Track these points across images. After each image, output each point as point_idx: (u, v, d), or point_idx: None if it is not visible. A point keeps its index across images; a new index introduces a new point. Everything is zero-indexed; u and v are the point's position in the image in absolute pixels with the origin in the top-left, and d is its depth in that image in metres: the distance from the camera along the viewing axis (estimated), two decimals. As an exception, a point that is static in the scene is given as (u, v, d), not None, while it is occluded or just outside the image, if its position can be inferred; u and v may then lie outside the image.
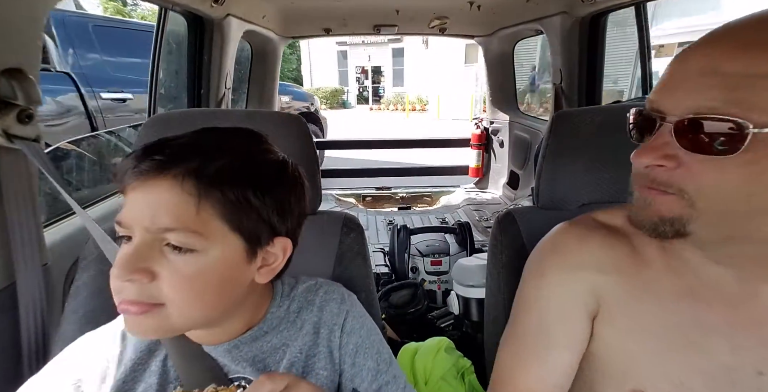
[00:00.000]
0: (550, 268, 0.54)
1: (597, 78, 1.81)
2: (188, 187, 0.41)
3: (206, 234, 0.42)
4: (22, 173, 0.72)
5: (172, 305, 0.41)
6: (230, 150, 0.45)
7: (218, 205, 0.42)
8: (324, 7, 2.11)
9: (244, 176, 0.44)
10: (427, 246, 1.81)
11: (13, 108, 0.68)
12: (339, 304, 0.58)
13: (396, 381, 0.57)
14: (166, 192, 0.41)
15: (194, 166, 0.41)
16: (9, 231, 0.70)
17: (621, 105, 1.39)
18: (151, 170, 0.41)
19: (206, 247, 0.42)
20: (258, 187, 0.44)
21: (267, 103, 2.66)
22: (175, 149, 0.42)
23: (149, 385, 0.48)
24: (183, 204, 0.41)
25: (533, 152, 2.40)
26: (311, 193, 0.74)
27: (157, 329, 0.43)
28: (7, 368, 0.71)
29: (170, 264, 0.41)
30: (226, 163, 0.43)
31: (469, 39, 2.77)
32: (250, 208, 0.44)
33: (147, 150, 0.42)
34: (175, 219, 0.40)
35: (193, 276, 0.41)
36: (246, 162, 0.45)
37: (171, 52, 1.74)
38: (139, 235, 0.41)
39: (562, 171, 0.72)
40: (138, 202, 0.41)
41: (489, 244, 0.79)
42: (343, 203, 3.06)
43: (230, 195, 0.42)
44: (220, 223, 0.42)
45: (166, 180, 0.41)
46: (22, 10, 0.69)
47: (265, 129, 0.59)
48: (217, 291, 0.44)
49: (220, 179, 0.42)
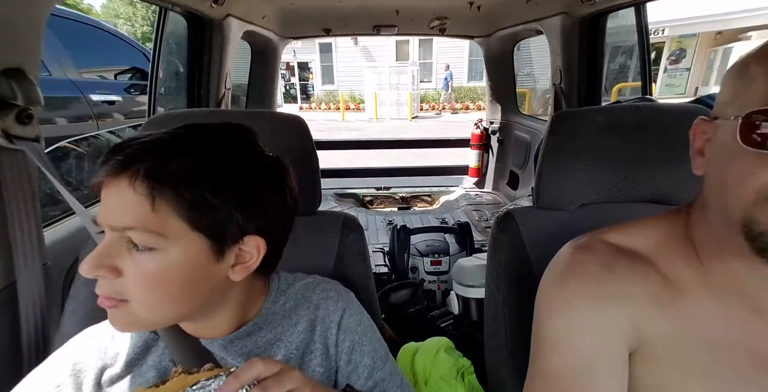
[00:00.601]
0: (578, 299, 0.46)
1: (597, 78, 1.81)
2: (140, 187, 0.41)
3: (165, 233, 0.42)
4: (22, 173, 0.72)
5: (135, 301, 0.42)
6: (196, 147, 0.44)
7: (174, 204, 0.41)
8: (324, 8, 2.11)
9: (204, 174, 0.43)
10: (426, 246, 1.81)
11: (12, 108, 0.68)
12: (336, 302, 0.58)
13: (392, 377, 0.57)
14: (123, 191, 0.41)
15: (148, 165, 0.41)
16: (9, 231, 0.70)
17: (620, 105, 1.38)
18: (112, 169, 0.41)
19: (166, 246, 0.42)
20: (218, 185, 0.43)
21: (267, 103, 2.66)
22: (135, 148, 0.42)
23: (147, 379, 0.49)
24: (138, 204, 0.41)
25: (533, 152, 2.41)
26: (311, 193, 0.74)
27: (127, 323, 0.45)
28: (7, 367, 0.71)
29: (134, 261, 0.42)
30: (184, 162, 0.42)
31: (469, 39, 2.77)
32: (209, 207, 0.43)
33: (113, 149, 0.43)
34: (132, 219, 0.41)
35: (154, 274, 0.42)
36: (209, 159, 0.44)
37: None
38: (108, 233, 0.42)
39: (562, 171, 0.72)
40: (105, 201, 0.42)
41: (488, 244, 0.79)
42: (342, 203, 3.06)
43: (185, 194, 0.42)
44: (178, 222, 0.42)
45: (123, 179, 0.41)
46: (22, 10, 0.69)
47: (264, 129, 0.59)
48: (181, 288, 0.44)
49: (174, 178, 0.41)
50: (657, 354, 0.45)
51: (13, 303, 0.71)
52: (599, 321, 0.45)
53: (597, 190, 0.72)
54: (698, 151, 0.44)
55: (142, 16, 12.35)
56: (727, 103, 0.40)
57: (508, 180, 2.92)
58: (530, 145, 2.51)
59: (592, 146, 0.70)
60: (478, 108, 13.56)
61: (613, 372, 0.44)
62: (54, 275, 0.80)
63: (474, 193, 3.09)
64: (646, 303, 0.45)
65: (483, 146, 3.14)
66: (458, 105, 13.98)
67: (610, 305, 0.45)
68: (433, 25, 2.37)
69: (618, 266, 0.47)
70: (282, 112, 0.80)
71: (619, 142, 0.69)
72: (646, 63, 1.69)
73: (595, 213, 0.72)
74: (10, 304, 0.71)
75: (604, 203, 0.73)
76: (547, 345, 0.48)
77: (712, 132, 0.42)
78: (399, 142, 4.16)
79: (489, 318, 0.77)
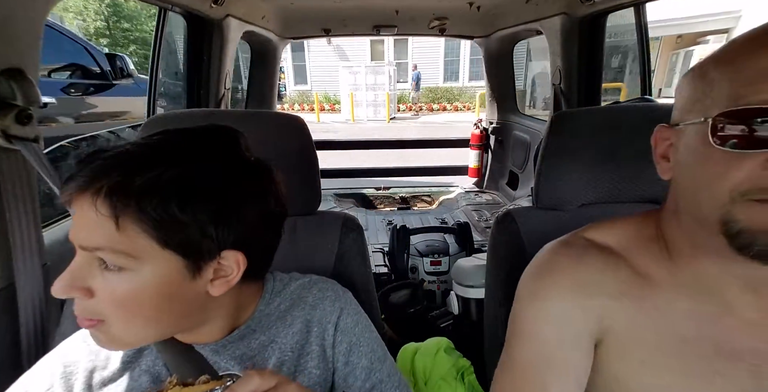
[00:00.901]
0: (548, 291, 0.49)
1: (596, 79, 1.81)
2: (102, 206, 0.38)
3: (134, 253, 0.40)
4: (21, 173, 0.72)
5: (110, 321, 0.41)
6: (166, 159, 0.41)
7: (140, 223, 0.39)
8: (323, 8, 2.11)
9: (170, 189, 0.40)
10: (426, 247, 1.81)
11: (12, 108, 0.68)
12: (333, 302, 0.57)
13: (390, 378, 0.56)
14: (87, 211, 0.39)
15: (113, 182, 0.39)
16: (8, 232, 0.70)
17: (620, 106, 1.39)
18: (76, 186, 0.39)
19: (137, 266, 0.40)
20: (187, 200, 0.40)
21: (266, 104, 2.67)
22: (99, 163, 0.39)
23: (140, 384, 0.49)
24: (102, 224, 0.39)
25: (532, 152, 2.41)
26: (311, 193, 0.74)
27: (107, 342, 0.43)
28: (7, 367, 0.71)
29: (105, 281, 0.40)
30: (150, 176, 0.39)
31: (469, 40, 2.77)
32: (177, 224, 0.40)
33: (81, 162, 0.40)
34: (99, 239, 0.39)
35: (126, 294, 0.40)
36: (178, 172, 0.40)
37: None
38: (78, 252, 0.41)
39: (562, 171, 0.72)
40: (74, 218, 0.40)
41: (488, 244, 0.79)
42: (342, 203, 3.06)
43: (151, 211, 0.39)
44: (147, 241, 0.40)
45: (86, 198, 0.39)
46: (22, 10, 0.69)
47: (264, 129, 0.59)
48: (156, 309, 0.42)
49: (139, 195, 0.39)
50: (624, 346, 0.46)
51: (12, 304, 0.71)
52: (564, 311, 0.48)
53: (596, 190, 0.72)
54: (662, 157, 0.45)
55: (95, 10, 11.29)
56: (689, 109, 0.41)
57: (508, 180, 2.93)
58: (530, 145, 2.51)
59: (592, 146, 0.70)
60: (456, 108, 13.52)
61: (572, 360, 0.47)
62: (53, 275, 0.80)
63: (474, 193, 3.09)
64: (614, 295, 0.47)
65: (483, 146, 3.14)
66: (435, 105, 13.75)
67: (577, 295, 0.48)
68: (433, 26, 2.37)
69: (588, 258, 0.49)
70: (282, 112, 0.80)
71: (619, 142, 0.69)
72: (645, 63, 1.70)
73: (595, 214, 0.72)
74: (9, 305, 0.71)
75: (604, 203, 0.73)
76: (516, 335, 0.51)
77: (675, 137, 0.43)
78: (399, 142, 4.16)
79: (489, 319, 0.77)
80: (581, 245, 0.51)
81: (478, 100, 11.55)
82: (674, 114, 0.44)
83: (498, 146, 3.04)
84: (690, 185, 0.41)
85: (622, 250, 0.49)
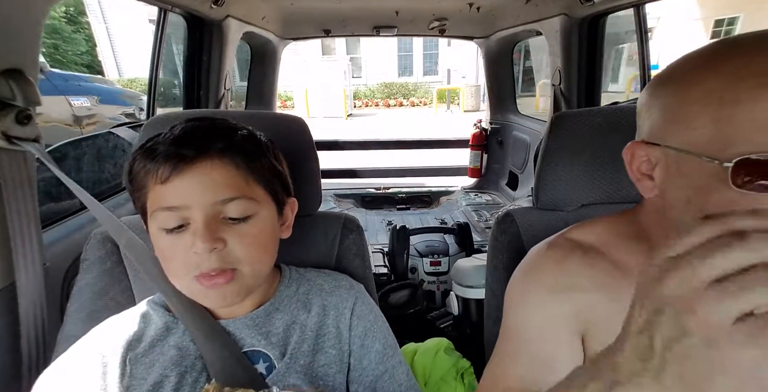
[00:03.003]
0: (529, 292, 0.53)
1: (596, 79, 1.81)
2: (236, 161, 0.48)
3: (258, 198, 0.50)
4: (21, 174, 0.72)
5: (245, 266, 0.49)
6: (230, 126, 0.52)
7: (259, 173, 0.50)
8: (324, 9, 2.11)
9: (265, 148, 0.53)
10: (426, 247, 1.81)
11: (11, 109, 0.68)
12: (348, 290, 0.62)
13: (401, 366, 0.60)
14: (219, 168, 0.47)
15: (230, 143, 0.48)
16: (8, 232, 0.70)
17: (620, 106, 1.39)
18: (196, 154, 0.46)
19: (259, 210, 0.50)
20: (275, 156, 0.54)
21: (267, 104, 2.67)
22: (201, 133, 0.49)
23: (169, 357, 0.52)
24: (236, 177, 0.48)
25: (532, 153, 2.41)
26: (311, 194, 0.74)
27: (238, 292, 0.50)
28: (7, 368, 0.71)
29: (234, 231, 0.48)
30: (248, 139, 0.51)
31: (469, 40, 2.77)
32: (277, 173, 0.53)
33: (176, 140, 0.47)
34: (234, 190, 0.48)
35: (254, 238, 0.49)
36: (250, 134, 0.53)
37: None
38: (201, 212, 0.47)
39: (562, 172, 0.72)
40: (189, 185, 0.46)
41: (488, 245, 0.79)
42: (342, 203, 3.05)
43: (265, 163, 0.51)
44: (261, 189, 0.51)
45: (214, 159, 0.47)
46: (22, 11, 0.69)
47: (265, 129, 0.59)
48: (270, 246, 0.53)
49: (254, 152, 0.50)
50: (605, 336, 0.48)
51: (12, 304, 0.71)
52: (542, 310, 0.52)
53: (596, 190, 0.72)
54: (644, 175, 0.45)
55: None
56: (668, 130, 0.40)
57: (508, 180, 2.92)
58: (529, 146, 2.51)
59: (592, 147, 0.71)
60: (412, 104, 13.40)
61: (561, 356, 0.50)
62: (53, 276, 0.80)
63: (473, 194, 3.09)
64: (593, 289, 0.50)
65: (482, 146, 3.14)
66: (392, 101, 13.55)
67: (558, 295, 0.51)
68: (433, 26, 2.37)
69: (569, 258, 0.52)
70: (282, 113, 0.80)
71: (619, 142, 0.69)
72: (645, 64, 1.70)
73: (595, 214, 0.72)
74: (9, 305, 0.71)
75: (604, 203, 0.73)
76: (506, 333, 0.56)
77: (656, 156, 0.42)
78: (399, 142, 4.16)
79: (488, 319, 0.77)
80: (566, 246, 0.54)
81: (435, 95, 11.87)
82: (646, 129, 0.44)
83: (498, 146, 3.04)
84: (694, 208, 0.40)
85: (602, 246, 0.52)
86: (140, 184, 0.49)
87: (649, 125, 0.44)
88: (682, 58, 0.42)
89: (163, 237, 0.48)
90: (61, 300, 0.83)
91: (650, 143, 0.43)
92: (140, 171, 0.48)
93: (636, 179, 0.46)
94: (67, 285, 0.86)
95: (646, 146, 0.44)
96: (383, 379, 0.57)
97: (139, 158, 0.48)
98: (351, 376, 0.56)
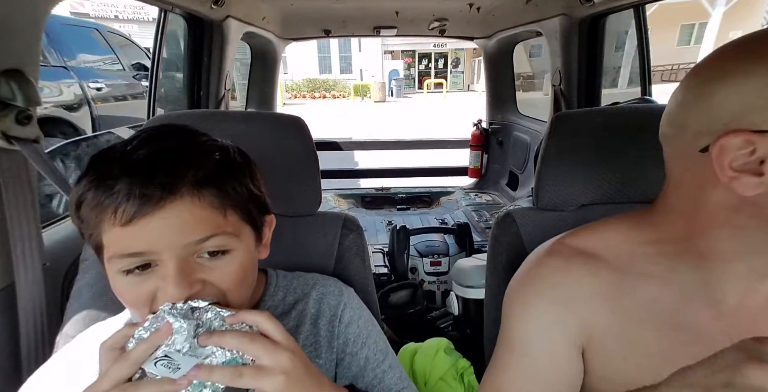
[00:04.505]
0: (528, 303, 0.51)
1: (596, 80, 1.81)
2: (210, 194, 0.41)
3: (236, 231, 0.44)
4: (21, 173, 0.72)
5: (228, 295, 0.44)
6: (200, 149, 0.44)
7: (236, 202, 0.44)
8: (324, 9, 2.11)
9: (237, 169, 0.46)
10: (426, 247, 1.81)
11: (11, 109, 0.68)
12: (336, 296, 0.59)
13: (393, 370, 0.58)
14: (191, 206, 0.40)
15: (204, 173, 0.41)
16: (8, 232, 0.70)
17: (620, 106, 1.39)
18: (164, 193, 0.39)
19: (237, 243, 0.44)
20: (252, 176, 0.47)
21: (267, 104, 2.67)
22: (168, 163, 0.40)
23: None
24: (211, 213, 0.41)
25: (532, 153, 2.41)
26: (311, 194, 0.74)
27: None
28: (7, 368, 0.71)
29: (212, 268, 0.43)
30: (223, 164, 0.44)
31: (469, 41, 2.77)
32: (254, 197, 0.47)
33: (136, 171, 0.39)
34: (210, 228, 0.41)
35: (236, 269, 0.44)
36: (224, 156, 0.45)
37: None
38: (173, 256, 0.40)
39: (562, 172, 0.72)
40: (156, 228, 0.39)
41: (488, 245, 0.79)
42: (342, 203, 3.05)
43: (242, 190, 0.45)
44: (238, 219, 0.45)
45: (185, 197, 0.40)
46: (22, 11, 0.69)
47: (265, 130, 0.59)
48: (251, 270, 0.48)
49: (230, 179, 0.44)
50: (608, 349, 0.48)
51: (12, 304, 0.71)
52: (545, 321, 0.49)
53: (597, 191, 0.72)
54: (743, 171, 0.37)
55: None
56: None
57: (508, 180, 2.92)
58: (529, 146, 2.51)
59: (592, 147, 0.71)
60: (333, 96, 16.99)
61: (555, 366, 0.49)
62: (53, 276, 0.80)
63: (474, 194, 3.09)
64: (594, 302, 0.48)
65: (482, 147, 3.14)
66: (317, 94, 17.16)
67: (559, 308, 0.49)
68: (433, 27, 2.37)
69: (572, 267, 0.50)
70: (282, 113, 0.80)
71: (619, 143, 0.69)
72: (645, 64, 1.70)
73: (595, 214, 0.72)
74: (9, 305, 0.71)
75: (604, 204, 0.73)
76: (504, 343, 0.54)
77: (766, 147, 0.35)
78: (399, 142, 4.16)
79: (489, 319, 0.77)
80: (566, 253, 0.52)
81: (352, 89, 15.70)
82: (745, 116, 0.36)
83: (498, 147, 3.04)
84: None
85: (605, 253, 0.50)
86: (93, 221, 0.40)
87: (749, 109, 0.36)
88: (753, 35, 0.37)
89: (122, 279, 0.41)
90: (61, 300, 0.83)
91: (759, 131, 0.35)
92: (94, 207, 0.39)
93: (730, 179, 0.38)
94: (67, 285, 0.86)
95: (749, 135, 0.36)
96: (372, 385, 0.56)
97: (91, 190, 0.39)
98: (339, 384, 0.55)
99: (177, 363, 0.35)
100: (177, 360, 0.35)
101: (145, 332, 0.37)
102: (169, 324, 0.37)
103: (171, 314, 0.37)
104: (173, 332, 0.36)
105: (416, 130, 8.54)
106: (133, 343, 0.37)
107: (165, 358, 0.36)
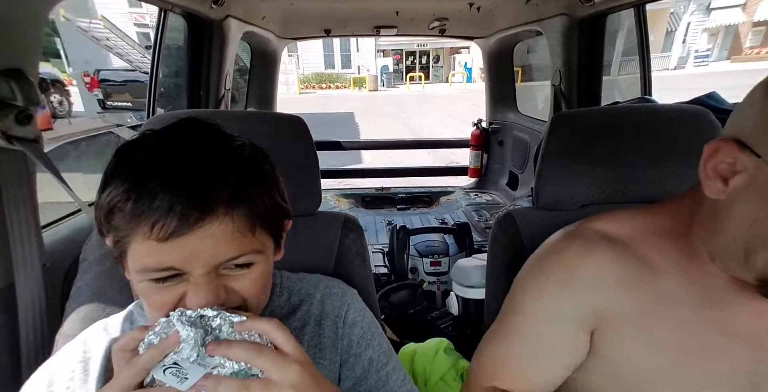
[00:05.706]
0: (549, 282, 0.52)
1: (596, 79, 1.81)
2: (241, 216, 0.41)
3: (261, 248, 0.45)
4: (21, 173, 0.72)
5: (250, 301, 0.46)
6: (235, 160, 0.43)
7: (265, 218, 0.44)
8: (324, 9, 2.11)
9: (266, 180, 0.46)
10: (426, 247, 1.81)
11: (11, 109, 0.68)
12: (340, 297, 0.60)
13: (396, 372, 0.58)
14: (225, 226, 0.40)
15: (239, 191, 0.41)
16: (9, 232, 0.70)
17: (620, 106, 1.39)
18: (203, 213, 0.39)
19: (261, 258, 0.45)
20: (278, 187, 0.47)
21: (267, 104, 2.66)
22: (209, 177, 0.40)
23: None
24: (243, 234, 0.42)
25: (532, 153, 2.41)
26: (311, 194, 0.74)
27: None
28: (7, 368, 0.71)
29: (237, 278, 0.44)
30: (249, 176, 0.43)
31: (469, 40, 2.77)
32: (278, 208, 0.46)
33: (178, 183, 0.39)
34: (240, 248, 0.42)
35: (258, 277, 0.45)
36: (255, 168, 0.45)
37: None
38: (201, 271, 0.41)
39: (562, 172, 0.72)
40: (192, 247, 0.40)
41: (488, 245, 0.79)
42: (342, 203, 3.05)
43: (270, 203, 0.45)
44: (266, 234, 0.46)
45: (220, 216, 0.40)
46: (22, 10, 0.69)
47: (265, 129, 0.59)
48: (270, 275, 0.49)
49: (262, 194, 0.44)
50: (622, 334, 0.48)
51: (12, 304, 0.71)
52: (558, 303, 0.51)
53: (597, 190, 0.72)
54: (719, 176, 0.40)
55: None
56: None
57: (508, 180, 2.92)
58: (529, 146, 2.51)
59: (592, 147, 0.71)
60: (336, 87, 21.13)
61: (561, 345, 0.50)
62: (53, 276, 0.80)
63: (474, 194, 3.08)
64: (615, 286, 0.48)
65: (482, 147, 3.14)
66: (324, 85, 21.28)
67: (575, 291, 0.50)
68: (433, 26, 2.37)
69: (594, 251, 0.50)
70: (282, 113, 0.80)
71: (619, 142, 0.69)
72: (646, 64, 1.70)
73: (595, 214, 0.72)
74: (9, 305, 0.71)
75: (604, 203, 0.73)
76: (511, 311, 0.56)
77: (744, 163, 0.38)
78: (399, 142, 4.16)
79: (489, 319, 0.77)
80: (589, 237, 0.52)
81: (351, 81, 19.91)
82: (746, 130, 0.38)
83: (498, 146, 3.03)
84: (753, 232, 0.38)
85: (629, 240, 0.50)
86: (125, 230, 0.40)
87: (751, 127, 0.38)
88: None
89: (149, 286, 0.42)
90: (61, 300, 0.83)
91: (745, 147, 0.38)
92: (130, 219, 0.39)
93: (705, 176, 0.41)
94: (67, 285, 0.86)
95: (737, 149, 0.38)
96: (376, 387, 0.55)
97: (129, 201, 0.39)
98: (343, 386, 0.55)
99: (185, 372, 0.36)
100: (185, 368, 0.36)
101: (155, 337, 0.38)
102: (176, 332, 0.37)
103: (180, 321, 0.38)
104: (180, 341, 0.36)
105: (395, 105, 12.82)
106: (144, 348, 0.37)
107: (174, 366, 0.36)
